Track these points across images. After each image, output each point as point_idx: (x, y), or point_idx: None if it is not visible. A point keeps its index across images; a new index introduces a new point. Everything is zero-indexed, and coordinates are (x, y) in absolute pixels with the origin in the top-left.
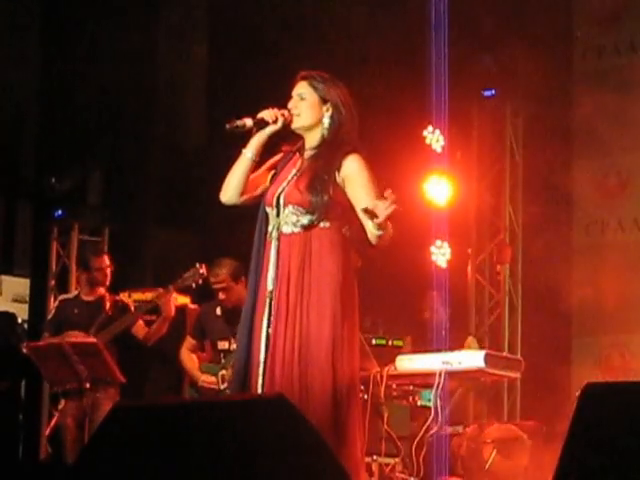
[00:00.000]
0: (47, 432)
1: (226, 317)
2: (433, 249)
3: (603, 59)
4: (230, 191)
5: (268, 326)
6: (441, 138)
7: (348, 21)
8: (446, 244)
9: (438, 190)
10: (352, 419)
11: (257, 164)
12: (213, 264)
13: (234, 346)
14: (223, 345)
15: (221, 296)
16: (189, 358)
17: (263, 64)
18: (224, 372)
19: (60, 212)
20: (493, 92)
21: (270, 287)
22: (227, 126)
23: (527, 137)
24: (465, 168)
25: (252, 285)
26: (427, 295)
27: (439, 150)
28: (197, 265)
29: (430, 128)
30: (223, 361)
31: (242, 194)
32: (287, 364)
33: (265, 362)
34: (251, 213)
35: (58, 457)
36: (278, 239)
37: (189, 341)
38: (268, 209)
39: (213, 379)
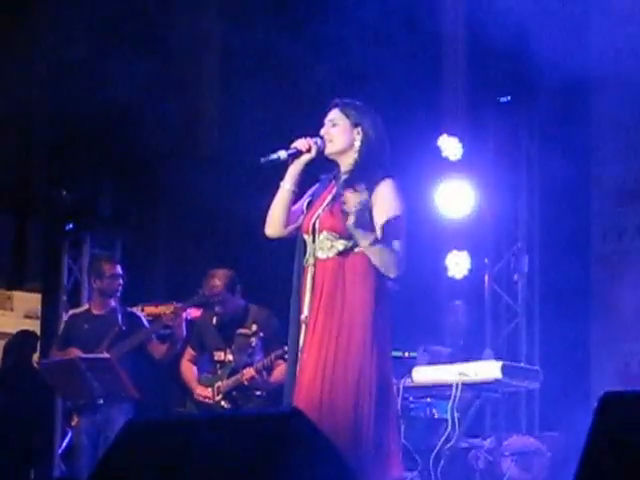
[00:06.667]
0: (60, 450)
1: (221, 328)
2: (449, 259)
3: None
4: (274, 224)
5: (301, 352)
6: (457, 146)
7: (362, 27)
8: (463, 254)
9: (454, 199)
10: (379, 441)
11: (297, 195)
12: (207, 275)
13: (230, 357)
14: (219, 356)
15: (218, 309)
16: (188, 369)
17: (276, 74)
18: (220, 383)
19: (71, 225)
20: (509, 98)
21: (306, 312)
22: (262, 160)
23: (544, 143)
24: (481, 176)
25: (294, 313)
26: (451, 304)
27: (455, 158)
28: None
29: (445, 136)
30: (219, 372)
31: (286, 226)
32: (312, 389)
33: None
34: (262, 227)
35: (72, 475)
36: (314, 265)
37: (189, 352)
38: (305, 236)
39: (208, 391)
